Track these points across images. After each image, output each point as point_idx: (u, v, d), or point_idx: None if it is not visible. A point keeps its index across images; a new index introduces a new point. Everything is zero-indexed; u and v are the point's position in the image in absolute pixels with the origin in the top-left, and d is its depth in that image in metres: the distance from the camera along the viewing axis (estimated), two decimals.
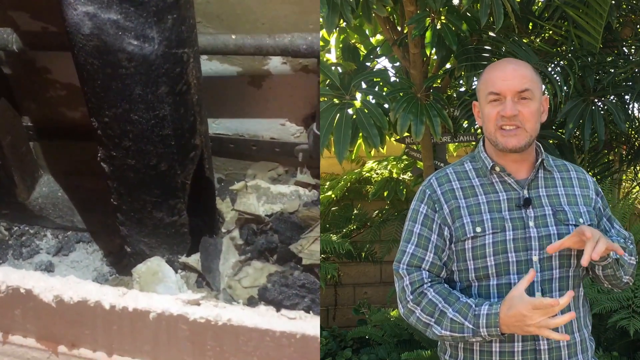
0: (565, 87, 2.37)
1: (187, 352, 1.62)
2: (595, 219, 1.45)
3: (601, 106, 2.53)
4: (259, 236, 2.34)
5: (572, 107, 2.46)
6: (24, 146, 2.51)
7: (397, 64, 3.00)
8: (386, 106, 2.44)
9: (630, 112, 2.79)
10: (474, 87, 2.66)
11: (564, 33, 2.69)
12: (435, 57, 2.68)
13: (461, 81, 2.97)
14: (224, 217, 2.43)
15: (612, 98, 2.55)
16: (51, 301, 1.63)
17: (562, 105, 2.47)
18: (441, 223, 1.41)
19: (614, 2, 2.50)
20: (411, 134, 2.41)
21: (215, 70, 2.39)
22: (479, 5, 2.30)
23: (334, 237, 3.13)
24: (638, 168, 3.35)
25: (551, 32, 2.78)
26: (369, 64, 3.00)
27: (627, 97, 2.68)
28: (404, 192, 3.42)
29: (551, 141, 2.66)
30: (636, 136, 3.09)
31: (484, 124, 1.44)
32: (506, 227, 1.37)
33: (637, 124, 3.01)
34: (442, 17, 2.44)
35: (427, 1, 2.28)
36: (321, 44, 2.91)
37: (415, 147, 2.92)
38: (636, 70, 2.62)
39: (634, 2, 2.79)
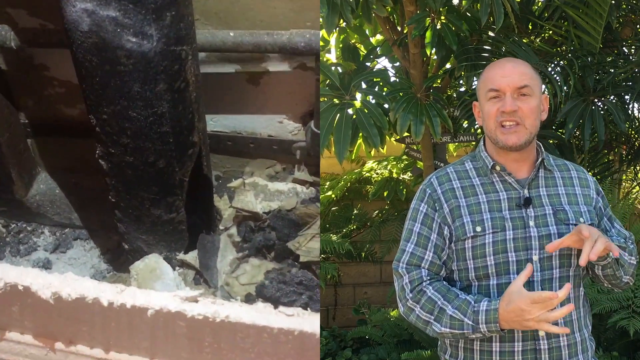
0: (565, 87, 2.37)
1: (185, 349, 1.62)
2: (596, 218, 1.44)
3: (601, 106, 2.53)
4: (256, 233, 2.34)
5: (572, 107, 2.46)
6: (21, 143, 2.50)
7: (397, 64, 3.00)
8: (386, 106, 2.44)
9: (630, 112, 2.79)
10: (474, 87, 2.66)
11: (564, 33, 2.69)
12: (435, 57, 2.69)
13: (461, 81, 2.97)
14: (221, 215, 2.43)
15: (612, 98, 2.55)
16: (49, 298, 1.63)
17: (562, 105, 2.46)
18: (441, 222, 1.41)
19: (614, 2, 2.51)
20: (411, 134, 2.41)
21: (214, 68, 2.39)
22: (479, 5, 2.30)
23: (334, 237, 3.13)
24: (638, 168, 3.35)
25: (551, 32, 2.78)
26: (369, 64, 3.00)
27: (627, 97, 2.68)
28: (404, 192, 3.42)
29: (551, 141, 2.66)
30: (636, 136, 3.09)
31: (484, 122, 1.44)
32: (506, 227, 1.37)
33: (637, 124, 3.01)
34: (442, 17, 2.44)
35: (427, 1, 2.28)
36: (321, 44, 2.91)
37: (415, 147, 2.92)
38: (636, 70, 2.62)
39: (634, 2, 2.79)
